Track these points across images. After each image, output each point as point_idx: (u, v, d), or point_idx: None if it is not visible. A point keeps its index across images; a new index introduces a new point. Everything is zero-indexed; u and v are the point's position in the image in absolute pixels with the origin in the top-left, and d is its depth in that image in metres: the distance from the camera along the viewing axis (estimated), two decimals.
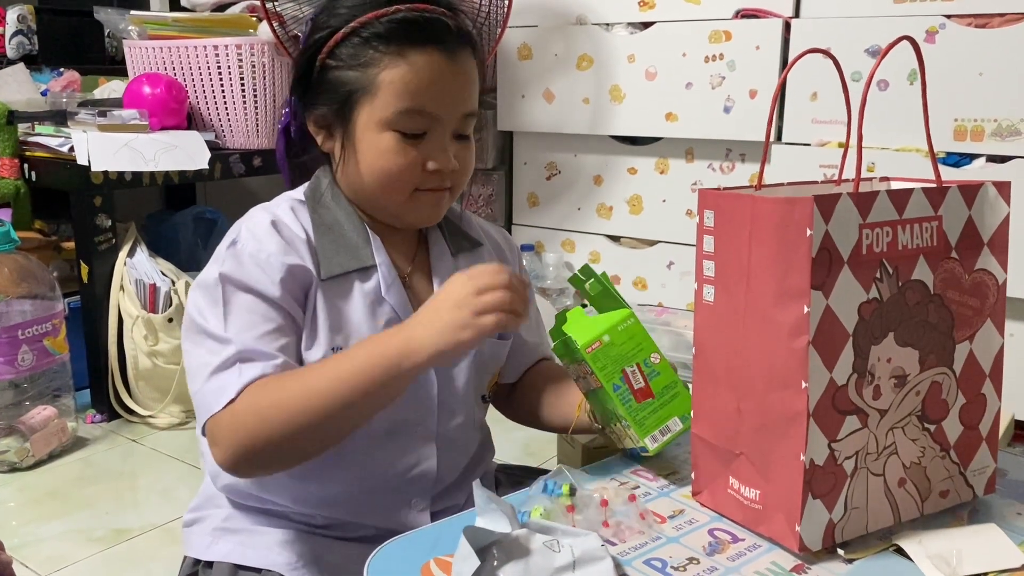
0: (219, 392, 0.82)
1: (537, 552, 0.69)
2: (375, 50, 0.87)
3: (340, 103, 0.89)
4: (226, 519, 0.96)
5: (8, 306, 1.78)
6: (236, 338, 0.83)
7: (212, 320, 0.85)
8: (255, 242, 0.88)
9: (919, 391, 0.81)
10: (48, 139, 1.98)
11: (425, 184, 0.90)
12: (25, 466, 1.78)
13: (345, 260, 0.90)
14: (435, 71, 0.87)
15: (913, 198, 0.78)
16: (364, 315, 0.90)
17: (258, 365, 0.82)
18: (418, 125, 0.88)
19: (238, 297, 0.85)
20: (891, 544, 0.78)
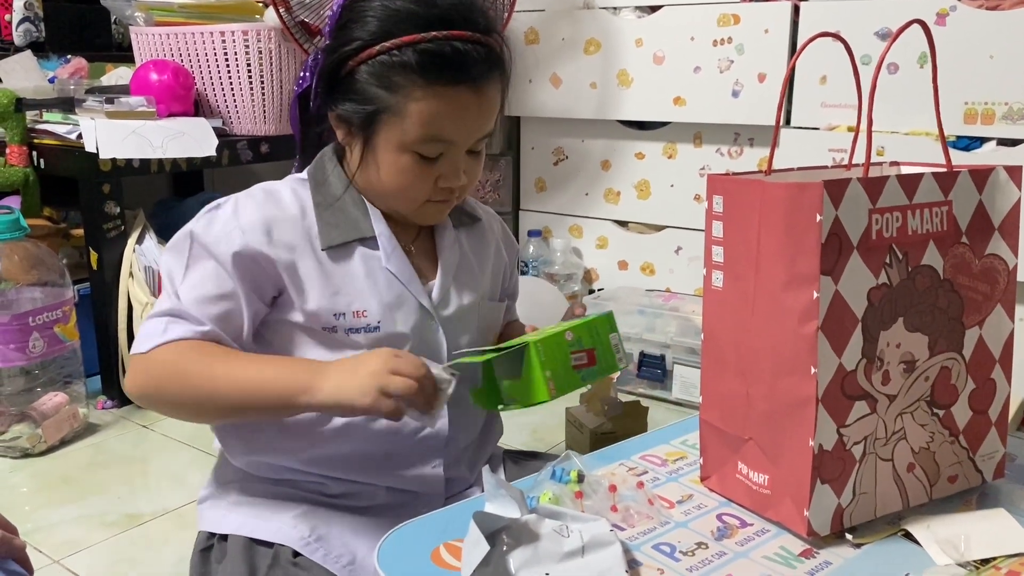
0: (145, 337, 0.90)
1: (546, 537, 0.69)
2: (405, 77, 0.88)
3: (365, 115, 0.91)
4: (240, 492, 0.99)
5: (18, 293, 1.78)
6: (180, 294, 0.91)
7: (175, 269, 0.92)
8: (231, 213, 0.92)
9: (928, 376, 0.81)
10: (56, 126, 1.98)
11: (435, 197, 0.95)
12: (37, 452, 1.79)
13: (345, 231, 0.95)
14: (462, 106, 0.90)
15: (923, 183, 0.78)
16: (367, 282, 0.95)
17: (182, 327, 0.89)
18: (436, 150, 0.91)
19: (198, 257, 0.91)
20: (900, 529, 0.78)
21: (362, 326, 0.94)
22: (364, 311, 0.94)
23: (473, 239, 1.06)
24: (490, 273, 1.08)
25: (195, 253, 0.92)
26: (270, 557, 0.92)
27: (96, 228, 1.94)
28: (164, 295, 0.93)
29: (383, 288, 0.95)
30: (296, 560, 0.91)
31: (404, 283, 0.96)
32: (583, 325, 0.92)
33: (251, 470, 0.99)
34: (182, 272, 0.92)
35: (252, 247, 0.90)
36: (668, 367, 1.92)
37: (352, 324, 0.93)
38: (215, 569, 0.95)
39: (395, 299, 0.95)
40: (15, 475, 1.71)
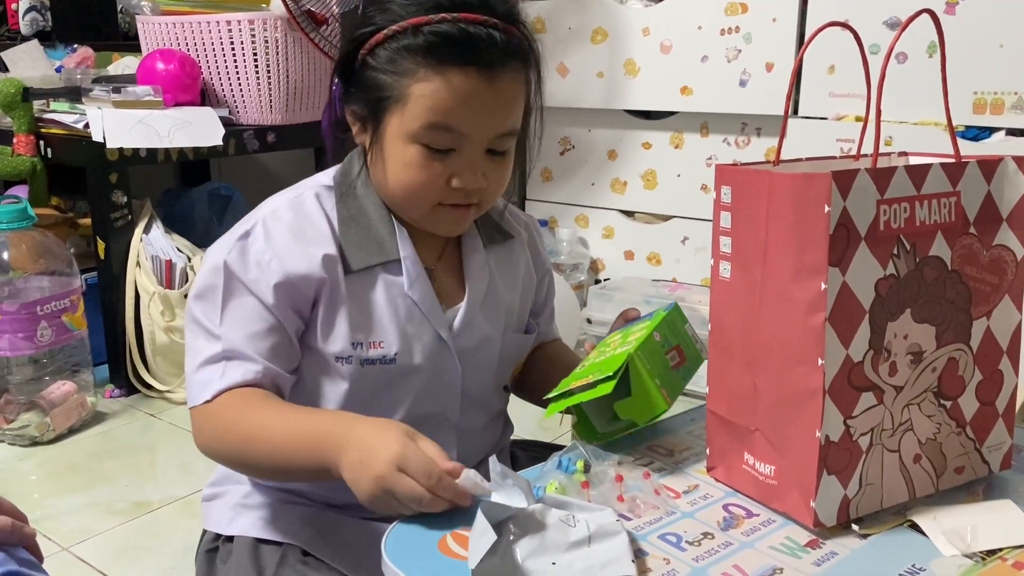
0: (202, 387, 0.86)
1: (553, 527, 0.69)
2: (411, 61, 0.83)
3: (372, 105, 0.87)
4: (246, 496, 0.97)
5: (27, 282, 1.80)
6: (225, 336, 0.86)
7: (210, 308, 0.88)
8: (263, 241, 0.88)
9: (935, 367, 0.80)
10: (63, 116, 1.99)
11: (448, 199, 0.88)
12: (46, 440, 1.80)
13: (369, 254, 0.90)
14: (469, 91, 0.83)
15: (931, 173, 0.78)
16: (387, 309, 0.90)
17: (239, 368, 0.86)
18: (445, 142, 0.85)
19: (235, 292, 0.87)
20: (906, 520, 0.78)
21: (378, 357, 0.90)
22: (381, 342, 0.90)
23: (503, 260, 1.00)
24: (519, 300, 1.02)
25: (232, 288, 0.87)
26: (278, 556, 0.91)
27: (103, 217, 1.95)
28: (198, 337, 0.88)
29: (402, 317, 0.91)
30: (305, 559, 0.90)
31: (424, 312, 0.91)
32: (662, 323, 0.88)
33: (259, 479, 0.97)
34: (219, 312, 0.87)
35: (291, 274, 0.87)
36: None
37: (368, 355, 0.90)
38: (221, 570, 0.94)
39: (414, 329, 0.91)
40: (24, 463, 1.72)
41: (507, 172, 0.92)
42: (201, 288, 0.89)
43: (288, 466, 0.83)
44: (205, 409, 0.86)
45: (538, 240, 1.06)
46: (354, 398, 0.92)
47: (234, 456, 0.88)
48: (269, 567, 0.90)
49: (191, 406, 0.88)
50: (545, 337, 1.10)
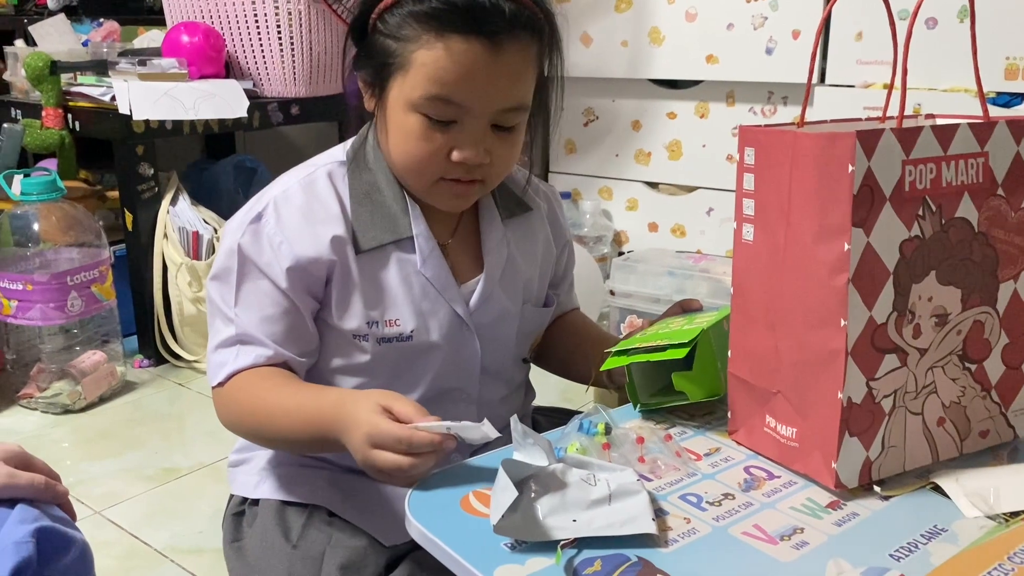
0: (218, 368, 0.90)
1: (573, 485, 0.70)
2: (416, 27, 0.82)
3: (377, 71, 0.86)
4: (271, 459, 0.99)
5: (57, 253, 1.82)
6: (238, 319, 0.89)
7: (225, 290, 0.90)
8: (275, 224, 0.88)
9: (960, 330, 0.80)
10: (90, 89, 2.00)
11: (449, 174, 0.86)
12: (77, 408, 1.84)
13: (381, 232, 0.89)
14: (472, 62, 0.81)
15: (959, 134, 0.77)
16: (401, 288, 0.90)
17: (251, 353, 0.88)
18: (445, 113, 0.83)
19: (249, 275, 0.89)
20: (928, 482, 0.78)
21: (395, 335, 0.90)
22: (397, 320, 0.90)
23: (521, 234, 0.99)
24: (537, 273, 1.02)
25: (246, 272, 0.88)
26: (304, 517, 0.92)
27: (131, 190, 1.97)
28: (218, 320, 0.91)
29: (417, 294, 0.91)
30: (330, 520, 0.92)
31: (439, 290, 0.91)
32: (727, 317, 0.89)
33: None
34: (234, 294, 0.88)
35: (302, 257, 0.87)
36: None
37: (384, 333, 0.90)
38: (247, 532, 0.96)
39: (429, 307, 0.91)
40: (56, 430, 1.76)
41: (514, 149, 0.89)
42: (217, 270, 0.91)
43: (301, 442, 0.88)
44: (221, 390, 0.90)
45: (558, 211, 1.06)
46: (375, 374, 0.93)
47: (252, 433, 0.92)
48: (295, 528, 0.92)
49: (211, 386, 0.92)
50: (565, 307, 1.10)
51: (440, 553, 0.68)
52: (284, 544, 0.91)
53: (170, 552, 1.35)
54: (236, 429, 0.93)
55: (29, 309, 1.78)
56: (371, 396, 0.78)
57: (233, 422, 0.92)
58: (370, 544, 0.90)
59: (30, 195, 1.76)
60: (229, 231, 0.91)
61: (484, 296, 0.94)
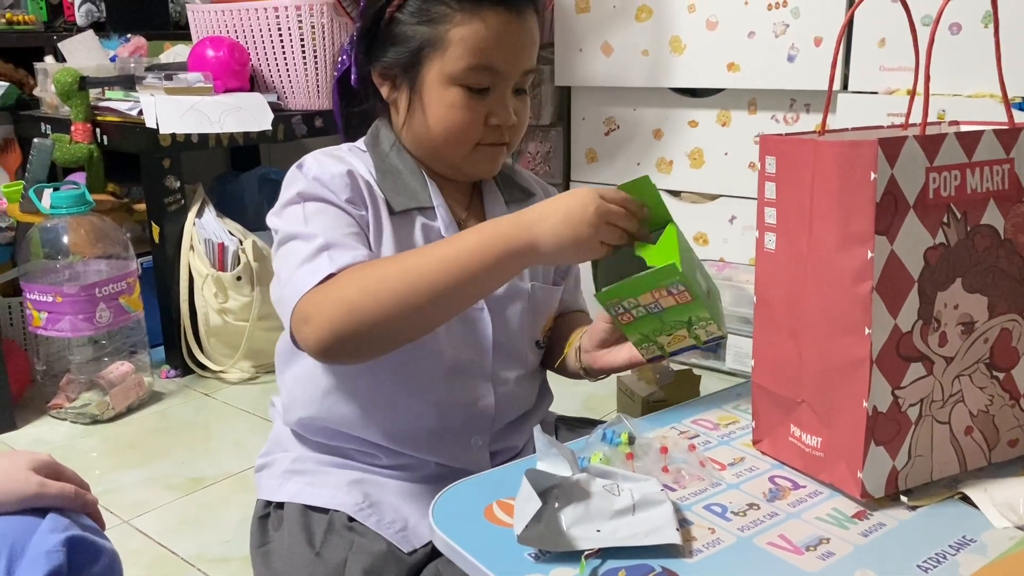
0: (311, 273, 0.83)
1: (597, 495, 0.70)
2: (445, 7, 0.89)
3: (408, 56, 0.91)
4: (294, 461, 1.01)
5: (85, 266, 1.85)
6: (322, 232, 0.87)
7: (296, 225, 0.89)
8: (319, 165, 0.92)
9: (987, 338, 0.79)
10: (118, 104, 2.04)
11: (486, 139, 0.94)
12: (106, 418, 1.86)
13: (407, 198, 0.95)
14: (504, 29, 0.89)
15: (983, 140, 0.76)
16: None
17: (348, 253, 0.85)
18: (483, 81, 0.91)
19: (315, 206, 0.90)
20: (956, 492, 0.77)
21: None
22: None
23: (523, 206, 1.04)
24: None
25: (310, 206, 0.90)
26: (326, 523, 0.94)
27: (157, 202, 2.00)
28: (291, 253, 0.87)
29: None
30: (351, 525, 0.93)
31: None
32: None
33: (305, 432, 1.01)
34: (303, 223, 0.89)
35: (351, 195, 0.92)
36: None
37: None
38: (273, 536, 0.98)
39: None
40: (85, 440, 1.79)
41: (528, 110, 0.98)
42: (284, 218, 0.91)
43: (475, 271, 0.80)
44: (326, 286, 0.82)
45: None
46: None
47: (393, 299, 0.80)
48: (318, 533, 0.94)
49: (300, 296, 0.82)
50: (571, 306, 1.12)
51: (464, 563, 0.68)
52: (308, 551, 0.92)
53: (197, 561, 1.37)
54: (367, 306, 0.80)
55: (59, 321, 1.81)
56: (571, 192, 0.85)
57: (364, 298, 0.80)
58: (390, 549, 0.91)
59: (60, 209, 1.79)
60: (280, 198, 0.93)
61: None
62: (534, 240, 0.82)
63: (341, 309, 0.80)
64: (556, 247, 0.82)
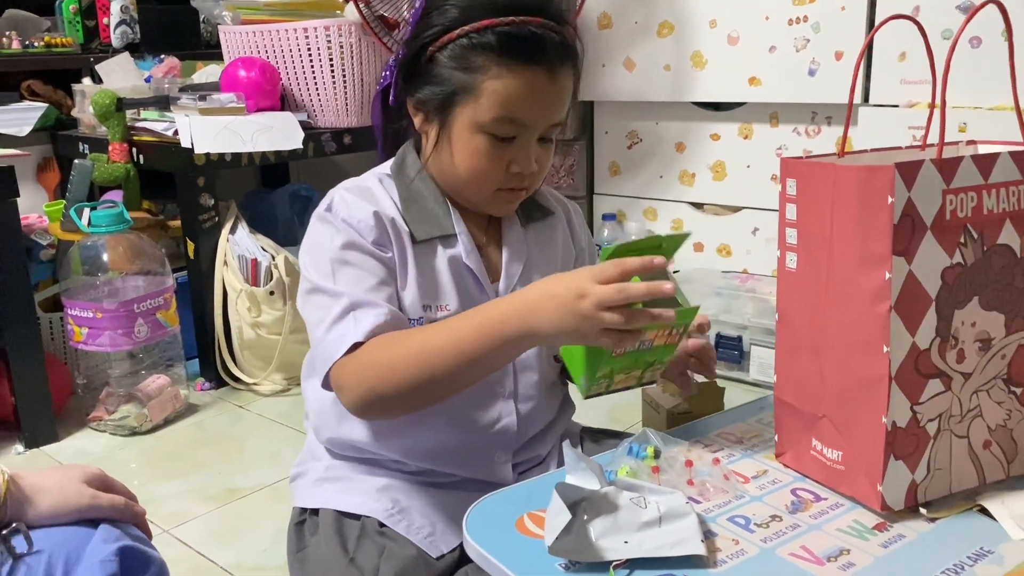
0: (339, 341, 0.89)
1: (625, 508, 0.72)
2: (484, 57, 0.91)
3: (442, 99, 0.94)
4: (327, 469, 1.04)
5: (124, 282, 1.90)
6: (346, 291, 0.92)
7: (321, 277, 0.94)
8: (347, 207, 0.95)
9: (1004, 355, 0.81)
10: (154, 124, 2.09)
11: (507, 184, 0.96)
12: (144, 430, 1.91)
13: (430, 227, 0.98)
14: (536, 87, 0.92)
15: (999, 162, 0.78)
16: (449, 277, 0.98)
17: (371, 314, 0.90)
18: (510, 131, 0.93)
19: (341, 255, 0.94)
20: (975, 504, 0.79)
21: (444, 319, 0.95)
22: (446, 305, 0.98)
23: (542, 235, 1.07)
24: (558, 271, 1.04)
25: (336, 254, 0.94)
26: (358, 529, 0.97)
27: (192, 219, 2.04)
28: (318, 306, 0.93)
29: (460, 284, 0.99)
30: (382, 530, 0.97)
31: (481, 281, 0.99)
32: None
33: (336, 448, 1.04)
34: (330, 275, 0.93)
35: (378, 235, 0.95)
36: (745, 348, 1.92)
37: (436, 316, 0.97)
38: (309, 541, 1.01)
39: (470, 296, 0.99)
40: (125, 452, 1.83)
41: (552, 156, 1.00)
42: (312, 262, 0.96)
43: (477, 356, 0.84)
44: (352, 358, 0.88)
45: (575, 218, 1.13)
46: None
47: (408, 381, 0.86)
48: (351, 539, 0.97)
49: (331, 364, 0.89)
50: None
51: (497, 572, 0.71)
52: (342, 556, 0.96)
53: (235, 569, 1.40)
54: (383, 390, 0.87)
55: (99, 336, 1.86)
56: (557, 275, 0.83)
57: (384, 380, 0.87)
58: (420, 555, 0.95)
59: (99, 227, 1.85)
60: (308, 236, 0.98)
61: (506, 292, 1.00)
62: (532, 330, 0.82)
63: (364, 389, 0.88)
64: (555, 336, 0.81)
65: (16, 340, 1.80)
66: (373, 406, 0.89)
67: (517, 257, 1.03)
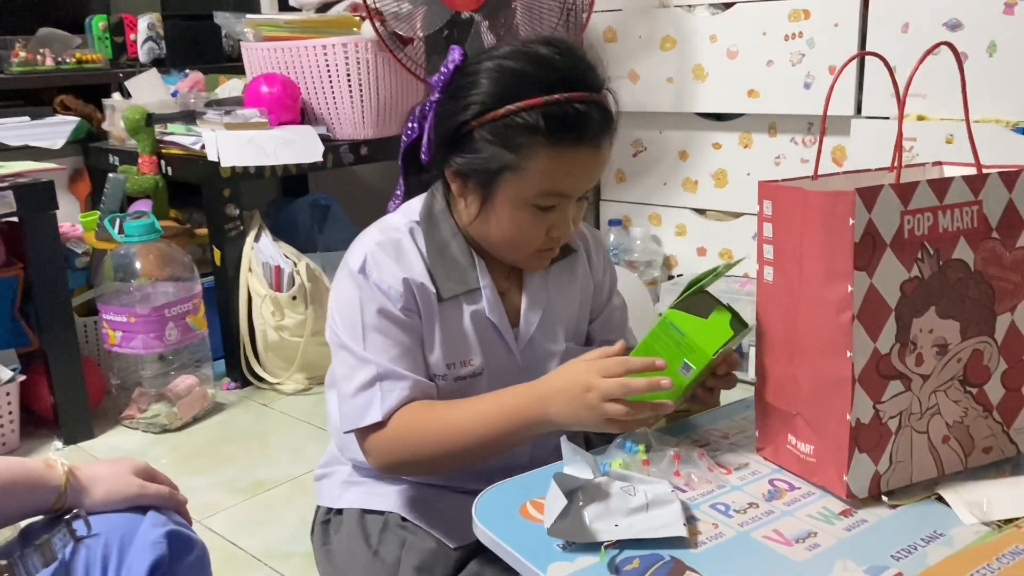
0: (364, 409, 0.95)
1: (616, 495, 0.79)
2: (529, 138, 0.91)
3: (486, 172, 0.94)
4: (351, 474, 1.11)
5: (154, 288, 1.99)
6: (374, 359, 0.96)
7: (351, 339, 0.97)
8: (378, 270, 0.98)
9: (960, 358, 0.87)
10: (181, 137, 2.18)
11: (545, 246, 0.99)
12: (174, 428, 1.99)
13: (455, 284, 1.00)
14: (582, 162, 0.94)
15: (953, 186, 0.85)
16: (472, 331, 1.02)
17: (397, 387, 0.95)
18: (552, 202, 0.95)
19: (372, 321, 0.97)
20: (933, 493, 0.85)
21: (468, 374, 1.02)
22: (470, 359, 1.02)
23: (563, 276, 1.08)
24: (577, 310, 1.11)
25: (366, 318, 0.97)
26: (381, 523, 1.04)
27: (218, 228, 2.13)
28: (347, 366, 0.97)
29: (484, 336, 1.02)
30: (404, 524, 1.04)
31: (502, 332, 1.03)
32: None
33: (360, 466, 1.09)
34: (360, 338, 0.97)
35: (407, 299, 0.97)
36: (744, 349, 1.99)
37: (461, 373, 1.02)
38: (334, 538, 1.08)
39: (492, 347, 1.03)
40: (156, 448, 1.92)
41: (584, 210, 1.02)
42: (342, 320, 0.99)
43: (497, 438, 0.93)
44: (382, 433, 0.95)
45: (594, 250, 1.14)
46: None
47: (432, 458, 0.96)
48: (374, 533, 1.04)
49: (356, 427, 0.96)
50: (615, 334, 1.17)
51: (503, 552, 0.79)
52: (365, 550, 1.03)
53: (264, 556, 1.49)
54: (406, 462, 0.97)
55: (132, 339, 1.96)
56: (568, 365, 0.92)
57: (410, 454, 0.95)
58: (439, 547, 1.01)
59: (132, 236, 1.94)
60: (339, 287, 1.01)
61: (525, 337, 1.05)
62: (547, 417, 0.90)
63: (391, 460, 0.97)
64: (567, 424, 0.89)
65: (55, 343, 1.89)
66: (396, 471, 1.00)
67: (536, 305, 1.05)
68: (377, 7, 2.11)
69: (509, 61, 0.93)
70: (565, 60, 0.93)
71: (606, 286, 1.16)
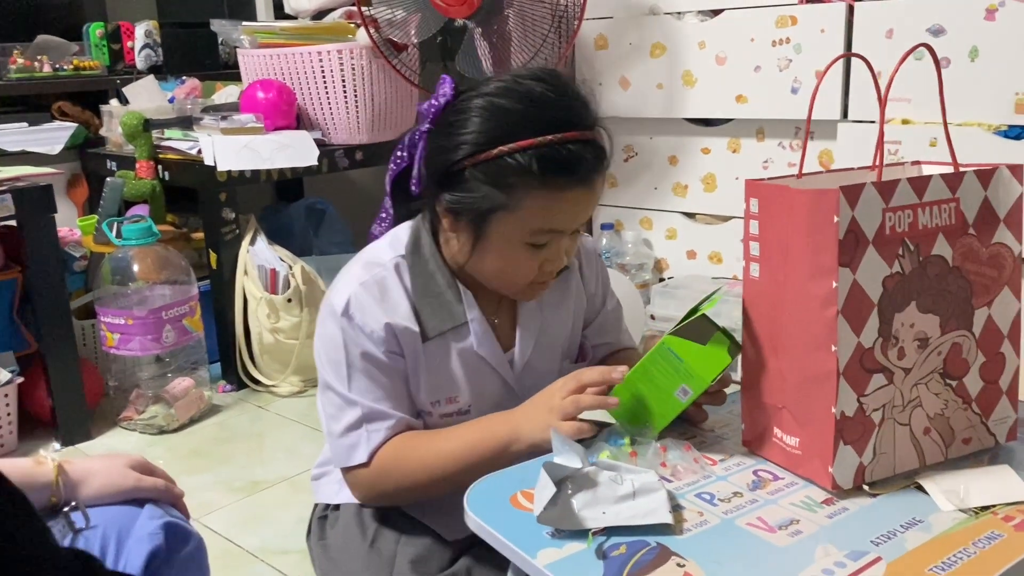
0: (351, 449, 0.98)
1: (603, 484, 0.81)
2: (522, 179, 0.91)
3: (478, 211, 0.94)
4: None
5: (151, 291, 2.01)
6: (360, 401, 0.98)
7: (336, 380, 0.99)
8: (361, 313, 0.98)
9: (940, 351, 0.89)
10: (177, 143, 2.20)
11: (539, 279, 1.00)
12: (171, 429, 2.00)
13: (441, 322, 1.00)
14: (575, 201, 0.94)
15: (932, 184, 0.87)
16: (459, 368, 1.03)
17: (382, 428, 0.98)
18: (545, 239, 0.96)
19: (356, 363, 0.98)
20: (913, 482, 0.87)
21: (454, 411, 1.03)
22: (456, 397, 1.03)
23: (555, 295, 1.08)
24: (571, 326, 1.12)
25: (352, 360, 0.98)
26: (378, 518, 1.05)
27: (215, 232, 2.15)
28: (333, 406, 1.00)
29: (472, 372, 1.02)
30: (400, 518, 1.05)
31: (493, 365, 1.04)
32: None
33: None
34: (345, 380, 0.98)
35: (390, 340, 0.98)
36: None
37: (445, 410, 1.03)
38: (330, 532, 1.10)
39: (483, 380, 1.03)
40: (154, 449, 1.94)
41: (577, 242, 1.03)
42: (328, 360, 1.00)
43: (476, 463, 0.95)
44: (368, 470, 0.98)
45: (585, 262, 1.14)
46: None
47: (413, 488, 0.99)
48: (371, 527, 1.05)
49: (344, 466, 1.00)
50: (616, 345, 1.19)
51: (494, 540, 0.81)
52: (362, 543, 1.05)
53: (260, 553, 1.50)
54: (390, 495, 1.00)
55: (129, 341, 1.97)
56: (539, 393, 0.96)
57: (395, 485, 0.98)
58: (435, 541, 1.03)
59: (130, 240, 1.96)
60: (327, 326, 1.00)
61: (521, 361, 1.06)
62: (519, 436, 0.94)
63: (375, 493, 1.01)
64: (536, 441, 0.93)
65: (53, 345, 1.91)
66: (381, 502, 1.03)
67: (530, 332, 1.06)
68: (372, 14, 2.14)
69: (501, 99, 0.92)
70: (558, 98, 0.92)
71: (599, 295, 1.17)
